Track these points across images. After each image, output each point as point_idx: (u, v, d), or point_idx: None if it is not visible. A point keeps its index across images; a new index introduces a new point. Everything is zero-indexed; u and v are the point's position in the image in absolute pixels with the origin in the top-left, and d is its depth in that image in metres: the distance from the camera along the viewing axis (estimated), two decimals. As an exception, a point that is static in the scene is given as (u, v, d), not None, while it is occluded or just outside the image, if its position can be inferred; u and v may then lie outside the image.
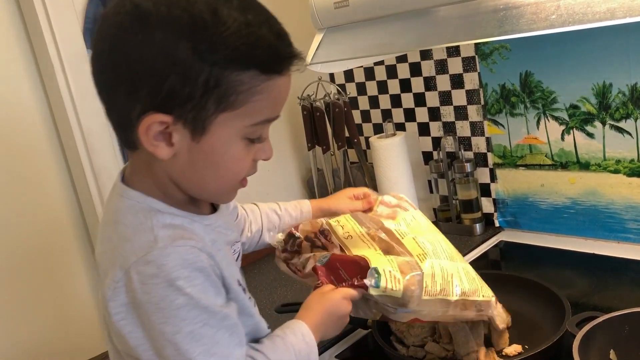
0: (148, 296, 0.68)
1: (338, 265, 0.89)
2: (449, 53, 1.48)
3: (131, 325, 0.70)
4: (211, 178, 0.73)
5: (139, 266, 0.68)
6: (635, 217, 1.28)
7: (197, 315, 0.69)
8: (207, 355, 0.70)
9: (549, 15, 0.73)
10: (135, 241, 0.70)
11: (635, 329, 0.89)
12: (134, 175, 0.76)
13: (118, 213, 0.74)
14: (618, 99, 1.24)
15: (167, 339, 0.68)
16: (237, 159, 0.72)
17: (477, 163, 1.51)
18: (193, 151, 0.70)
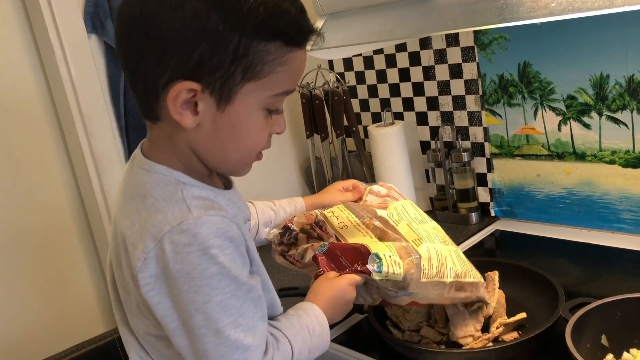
0: (181, 265, 0.69)
1: (338, 253, 0.91)
2: (448, 43, 1.49)
3: (159, 295, 0.72)
4: (233, 148, 0.75)
5: (173, 235, 0.69)
6: (629, 208, 1.30)
7: (227, 285, 0.71)
8: (234, 326, 0.72)
9: (549, 3, 0.74)
10: (168, 212, 0.71)
11: (627, 314, 0.91)
12: (155, 149, 0.77)
13: (145, 186, 0.75)
14: (615, 91, 1.25)
15: (197, 308, 0.70)
16: (257, 129, 0.75)
17: (474, 153, 1.52)
18: (217, 120, 0.72)
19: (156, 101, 0.72)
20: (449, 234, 1.46)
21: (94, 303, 1.44)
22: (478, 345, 0.97)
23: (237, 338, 0.73)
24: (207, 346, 0.72)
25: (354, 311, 1.15)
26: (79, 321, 1.41)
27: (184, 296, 0.70)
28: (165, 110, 0.72)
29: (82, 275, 1.43)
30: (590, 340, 0.89)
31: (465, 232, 1.49)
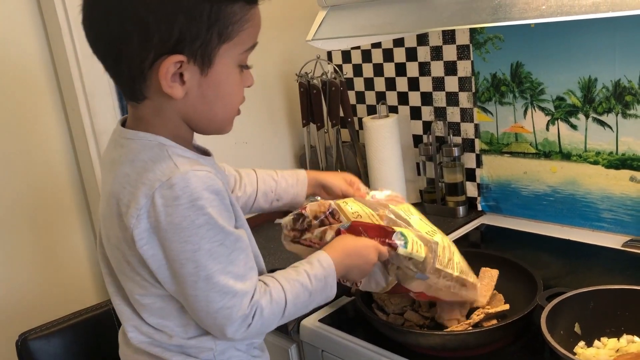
0: (171, 217, 0.75)
1: (361, 229, 0.93)
2: (445, 40, 1.53)
3: (153, 248, 0.77)
4: (220, 107, 0.81)
5: (163, 190, 0.75)
6: (610, 207, 1.35)
7: (215, 234, 0.77)
8: (223, 273, 0.78)
9: (540, 6, 0.78)
10: (157, 169, 0.76)
11: (600, 305, 0.96)
12: (140, 124, 0.82)
13: (132, 153, 0.79)
14: (602, 94, 1.30)
15: (187, 257, 0.76)
16: (236, 85, 0.82)
17: (464, 148, 1.57)
18: (203, 85, 0.78)
19: (143, 81, 0.77)
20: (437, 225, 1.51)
21: (87, 274, 1.48)
22: (458, 329, 1.01)
23: (226, 284, 0.78)
24: (197, 292, 0.77)
25: (341, 294, 1.19)
26: (72, 291, 1.44)
27: (175, 246, 0.76)
28: (153, 87, 0.77)
29: (77, 247, 1.46)
30: (564, 327, 0.94)
31: (452, 224, 1.54)
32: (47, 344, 1.03)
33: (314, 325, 1.15)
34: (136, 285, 0.83)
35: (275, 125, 1.76)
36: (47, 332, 1.04)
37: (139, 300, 0.84)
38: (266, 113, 1.73)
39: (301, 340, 1.18)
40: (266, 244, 1.54)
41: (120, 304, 0.88)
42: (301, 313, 0.87)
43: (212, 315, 0.79)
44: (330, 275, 0.88)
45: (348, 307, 1.20)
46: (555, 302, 0.94)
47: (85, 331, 1.08)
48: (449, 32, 1.51)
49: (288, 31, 1.72)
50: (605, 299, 0.96)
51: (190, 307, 0.81)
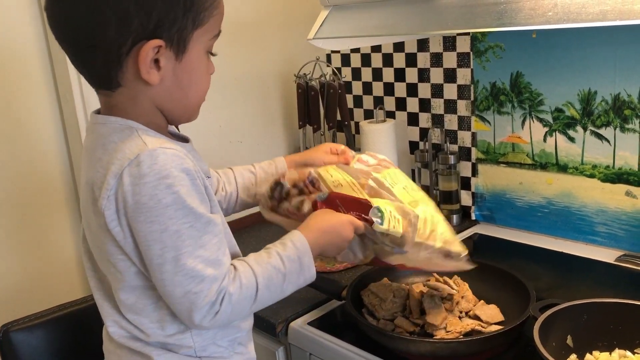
0: (138, 196, 0.73)
1: (338, 202, 0.90)
2: (445, 47, 1.53)
3: (124, 231, 0.76)
4: (193, 93, 0.82)
5: (131, 168, 0.73)
6: (605, 221, 1.35)
7: (184, 215, 0.74)
8: (191, 257, 0.74)
9: (546, 12, 0.78)
10: (126, 148, 0.75)
11: (593, 318, 0.95)
12: (113, 112, 0.80)
13: (102, 137, 0.78)
14: (601, 107, 1.29)
15: (154, 238, 0.74)
16: (206, 72, 0.83)
17: (460, 156, 1.56)
18: (177, 71, 0.79)
19: (119, 68, 0.76)
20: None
21: (74, 267, 1.46)
22: (449, 337, 1.00)
23: (194, 268, 0.75)
24: (164, 275, 0.75)
25: (332, 297, 1.18)
26: (58, 284, 1.42)
27: (142, 227, 0.73)
28: (129, 74, 0.77)
29: (65, 239, 1.44)
30: (556, 339, 0.93)
31: (445, 232, 1.53)
32: (30, 336, 1.01)
33: (302, 328, 1.13)
34: (112, 277, 0.82)
35: (271, 125, 1.75)
36: (30, 324, 1.02)
37: (116, 294, 0.83)
38: (262, 112, 1.72)
39: (289, 343, 1.16)
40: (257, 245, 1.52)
41: (101, 299, 0.86)
42: (278, 297, 0.84)
43: (178, 300, 0.76)
44: (306, 255, 0.85)
45: (337, 311, 1.19)
46: (549, 313, 0.93)
47: (69, 325, 1.06)
48: (450, 39, 1.51)
49: (288, 31, 1.71)
50: (599, 312, 0.95)
51: (161, 293, 0.78)
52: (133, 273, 0.80)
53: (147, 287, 0.81)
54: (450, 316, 1.05)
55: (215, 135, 1.59)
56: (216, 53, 0.85)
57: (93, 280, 0.87)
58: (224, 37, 0.85)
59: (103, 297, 0.86)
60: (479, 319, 1.05)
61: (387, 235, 0.90)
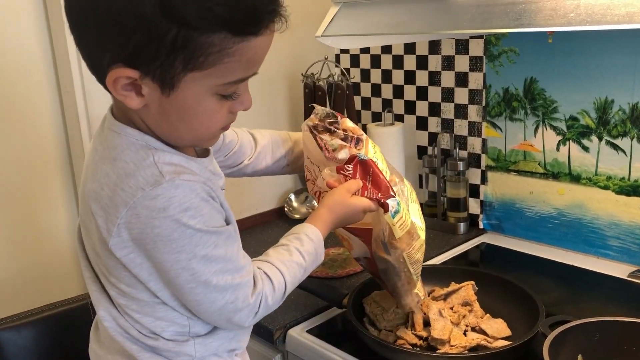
0: (159, 230, 0.69)
1: (370, 172, 0.92)
2: (458, 50, 1.48)
3: (140, 257, 0.73)
4: (185, 130, 0.72)
5: (146, 201, 0.68)
6: (618, 235, 1.30)
7: (208, 239, 0.72)
8: (221, 273, 0.74)
9: (568, 13, 0.73)
10: (140, 176, 0.69)
11: (605, 337, 0.91)
12: (124, 116, 0.75)
13: (116, 150, 0.72)
14: (617, 116, 1.25)
15: (183, 267, 0.72)
16: (209, 113, 0.71)
17: (469, 163, 1.52)
18: (164, 104, 0.69)
19: (103, 77, 0.68)
20: (436, 241, 1.48)
21: (69, 266, 1.42)
22: (454, 351, 0.96)
23: (225, 282, 0.75)
24: (198, 297, 0.74)
25: (332, 305, 1.14)
26: (51, 283, 1.39)
27: (167, 257, 0.71)
28: None
29: (61, 236, 1.41)
30: (566, 358, 0.89)
31: (451, 241, 1.48)
32: (17, 335, 0.98)
33: (300, 336, 1.09)
34: (111, 286, 0.78)
35: (277, 125, 1.71)
36: (17, 323, 0.98)
37: (115, 300, 0.79)
38: (268, 111, 1.68)
39: (286, 351, 1.12)
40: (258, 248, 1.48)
41: (97, 291, 0.81)
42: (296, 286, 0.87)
43: (217, 313, 0.77)
44: (320, 245, 0.87)
45: (338, 320, 1.15)
46: (559, 330, 0.89)
47: (58, 325, 1.02)
48: (463, 41, 1.47)
49: (296, 29, 1.66)
50: (611, 330, 0.90)
51: (193, 309, 0.78)
52: (141, 288, 0.76)
53: (153, 302, 0.78)
54: (456, 330, 1.00)
55: (218, 134, 1.56)
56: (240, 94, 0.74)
57: (87, 271, 0.83)
58: None
59: (99, 289, 0.81)
60: (484, 334, 1.01)
61: (387, 227, 0.92)
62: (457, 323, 1.03)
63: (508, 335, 1.01)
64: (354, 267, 1.33)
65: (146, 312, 0.78)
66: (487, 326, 1.02)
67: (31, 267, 1.37)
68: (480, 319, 1.04)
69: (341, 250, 1.43)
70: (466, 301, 1.07)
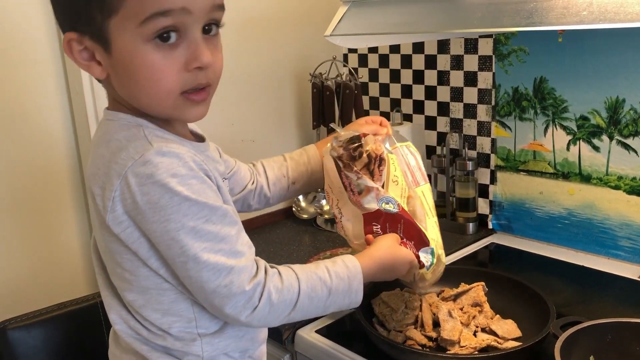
0: (148, 196, 0.69)
1: (401, 223, 0.90)
2: (467, 49, 1.48)
3: (135, 232, 0.72)
4: (137, 90, 0.72)
5: (136, 168, 0.69)
6: (629, 235, 1.29)
7: (198, 211, 0.70)
8: (212, 252, 0.71)
9: (580, 11, 0.73)
10: (131, 148, 0.71)
11: (618, 338, 0.90)
12: (116, 104, 0.77)
13: (108, 133, 0.75)
14: (629, 116, 1.24)
15: (172, 237, 0.70)
16: (150, 66, 0.70)
17: (479, 163, 1.51)
18: (113, 64, 0.71)
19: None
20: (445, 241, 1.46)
21: (79, 265, 1.42)
22: (464, 352, 0.95)
23: (217, 261, 0.71)
24: (190, 272, 0.72)
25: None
26: (61, 282, 1.39)
27: (157, 227, 0.70)
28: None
29: (71, 236, 1.41)
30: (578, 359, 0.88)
31: (460, 241, 1.48)
32: (27, 335, 0.98)
33: (309, 336, 1.09)
34: (117, 278, 0.78)
35: (284, 125, 1.71)
36: (27, 322, 0.98)
37: (123, 295, 0.79)
38: (276, 111, 1.68)
39: (295, 351, 1.12)
40: (266, 247, 1.49)
41: (109, 296, 0.82)
42: (319, 312, 0.81)
43: (210, 296, 0.73)
44: (356, 278, 0.82)
45: (347, 320, 1.14)
46: (571, 331, 0.88)
47: (68, 324, 1.02)
48: (472, 41, 1.46)
49: (305, 28, 1.67)
50: (624, 332, 0.90)
51: (191, 291, 0.75)
52: (144, 274, 0.76)
53: (158, 289, 0.77)
54: (465, 330, 1.00)
55: (226, 134, 1.55)
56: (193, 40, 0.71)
57: (101, 277, 0.83)
58: (238, 32, 0.79)
59: (111, 294, 0.82)
60: (495, 334, 1.00)
61: (419, 274, 0.93)
62: (467, 324, 1.02)
63: (518, 336, 1.00)
64: (363, 267, 1.32)
65: (153, 307, 0.78)
66: (497, 327, 1.01)
67: (41, 266, 1.37)
68: (490, 320, 1.03)
69: (349, 251, 1.42)
70: (476, 302, 1.06)
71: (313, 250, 1.47)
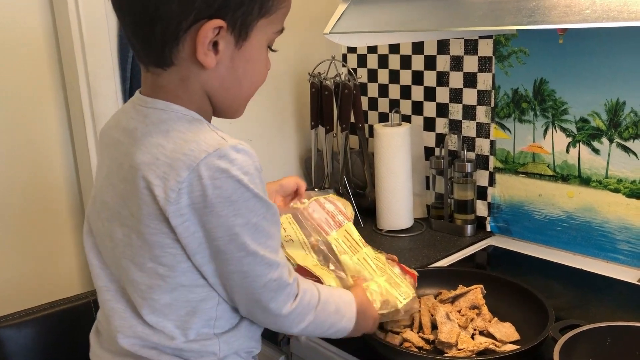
0: (220, 190, 0.70)
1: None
2: (466, 50, 1.47)
3: (194, 226, 0.72)
4: (247, 83, 0.79)
5: (211, 161, 0.70)
6: (628, 239, 1.28)
7: (260, 207, 0.74)
8: (265, 247, 0.75)
9: (583, 10, 0.72)
10: (202, 141, 0.71)
11: (617, 342, 0.89)
12: (163, 93, 0.76)
13: (166, 123, 0.74)
14: (629, 118, 1.23)
15: (235, 233, 0.72)
16: (263, 64, 0.80)
17: (477, 164, 1.50)
18: (235, 58, 0.75)
19: (175, 45, 0.72)
20: (442, 243, 1.46)
21: (74, 265, 1.41)
22: (461, 355, 0.94)
23: (269, 257, 0.75)
24: (245, 267, 0.74)
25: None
26: (55, 281, 1.37)
27: (223, 221, 0.71)
28: (184, 53, 0.72)
29: (66, 235, 1.40)
30: (576, 363, 0.87)
31: (458, 243, 1.47)
32: (18, 333, 0.96)
33: (305, 338, 1.08)
34: (146, 275, 0.75)
35: (282, 125, 1.70)
36: (18, 321, 0.97)
37: (145, 294, 0.76)
38: (273, 111, 1.66)
39: (291, 352, 1.11)
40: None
41: (112, 300, 0.80)
42: (324, 327, 0.85)
43: (259, 291, 0.76)
44: (353, 306, 0.88)
45: (343, 321, 1.13)
46: (570, 335, 0.87)
47: (59, 323, 1.00)
48: (472, 42, 1.45)
49: (304, 27, 1.66)
50: (624, 336, 0.88)
51: (235, 285, 0.76)
52: (182, 269, 0.75)
53: (191, 285, 0.76)
54: (463, 333, 0.99)
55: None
56: (277, 49, 0.81)
57: (102, 279, 0.81)
58: None
59: (116, 297, 0.80)
60: (493, 337, 0.99)
61: None
62: (465, 326, 1.01)
63: (517, 340, 0.99)
64: (360, 268, 1.31)
65: (178, 304, 0.77)
66: (495, 330, 1.00)
67: (34, 265, 1.35)
68: (488, 323, 1.02)
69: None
70: (474, 304, 1.05)
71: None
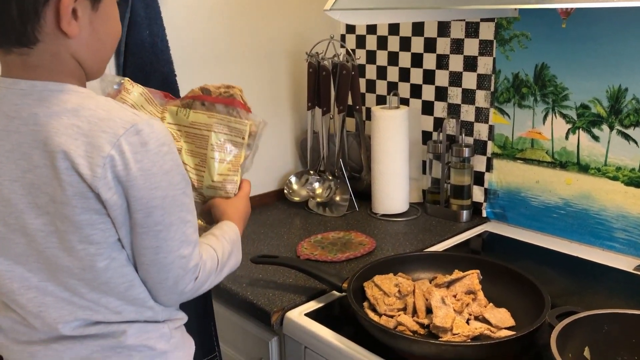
0: (141, 164, 0.72)
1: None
2: (467, 33, 1.44)
3: (121, 198, 0.73)
4: (110, 42, 0.80)
5: (130, 137, 0.71)
6: (625, 227, 1.27)
7: (180, 181, 0.76)
8: (183, 222, 0.77)
9: (593, -12, 0.70)
10: (117, 117, 0.73)
11: (613, 330, 0.88)
12: (40, 73, 0.74)
13: (70, 102, 0.73)
14: (631, 105, 1.21)
15: (156, 205, 0.74)
16: (117, 19, 0.81)
17: (475, 150, 1.48)
18: (94, 21, 0.76)
19: (37, 21, 0.71)
20: (438, 228, 1.45)
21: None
22: (456, 339, 0.93)
23: (185, 233, 0.77)
24: (160, 242, 0.75)
25: (332, 288, 1.11)
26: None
27: (144, 194, 0.73)
28: (47, 27, 0.71)
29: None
30: (573, 350, 0.86)
31: (453, 228, 1.46)
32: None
33: (298, 319, 1.07)
34: (76, 258, 0.74)
35: (278, 105, 1.67)
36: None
37: (79, 275, 0.76)
38: (269, 90, 1.64)
39: (283, 334, 1.10)
40: (256, 229, 1.46)
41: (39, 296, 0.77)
42: (221, 277, 0.87)
43: (168, 267, 0.77)
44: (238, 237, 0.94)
45: (336, 304, 1.12)
46: (567, 321, 0.86)
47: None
48: (473, 24, 1.43)
49: (301, 5, 1.63)
50: (621, 323, 0.88)
51: (146, 261, 0.77)
52: (110, 243, 0.75)
53: (122, 260, 0.77)
54: (458, 318, 0.98)
55: (219, 111, 1.51)
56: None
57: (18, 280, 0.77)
58: (231, 6, 0.78)
59: (44, 291, 0.77)
60: (488, 323, 0.98)
61: None
62: (460, 311, 1.00)
63: (512, 325, 0.98)
64: (354, 251, 1.30)
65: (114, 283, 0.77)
66: (491, 315, 0.99)
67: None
68: (483, 308, 1.01)
69: (341, 234, 1.40)
70: (470, 289, 1.04)
71: (304, 233, 1.44)
